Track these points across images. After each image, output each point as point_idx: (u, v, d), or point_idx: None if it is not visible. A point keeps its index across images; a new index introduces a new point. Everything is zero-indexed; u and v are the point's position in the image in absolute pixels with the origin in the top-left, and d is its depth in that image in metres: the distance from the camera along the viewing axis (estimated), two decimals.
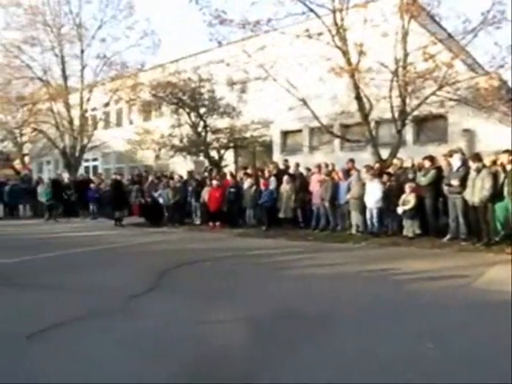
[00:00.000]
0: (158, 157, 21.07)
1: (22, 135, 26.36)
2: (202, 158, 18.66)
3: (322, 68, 11.83)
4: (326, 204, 11.26)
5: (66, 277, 6.71)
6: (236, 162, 20.34)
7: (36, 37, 21.85)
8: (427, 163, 9.90)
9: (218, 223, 13.08)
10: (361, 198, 10.49)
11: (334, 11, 11.40)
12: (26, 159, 28.09)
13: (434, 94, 11.38)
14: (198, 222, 14.07)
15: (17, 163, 27.20)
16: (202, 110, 18.02)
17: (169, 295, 5.53)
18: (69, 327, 4.31)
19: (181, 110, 18.40)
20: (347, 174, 11.34)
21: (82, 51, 22.46)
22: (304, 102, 13.01)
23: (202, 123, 18.15)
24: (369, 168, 10.74)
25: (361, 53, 11.19)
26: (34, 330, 4.13)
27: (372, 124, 12.96)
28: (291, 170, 13.24)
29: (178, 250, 9.35)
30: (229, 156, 19.32)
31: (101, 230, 13.74)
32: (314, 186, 11.69)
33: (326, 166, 12.11)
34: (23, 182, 20.44)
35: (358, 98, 11.93)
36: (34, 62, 22.42)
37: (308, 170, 12.99)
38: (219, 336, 3.99)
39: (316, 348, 3.65)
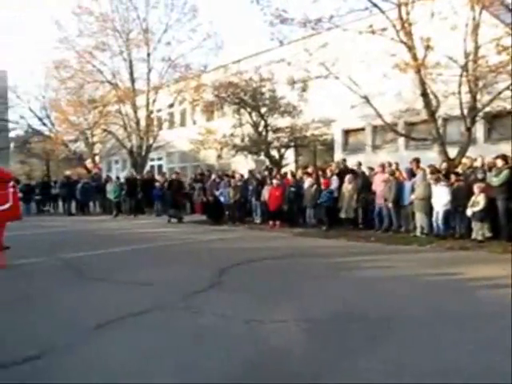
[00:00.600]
0: (219, 156, 21.47)
1: (93, 136, 27.84)
2: (262, 157, 18.77)
3: (386, 64, 11.48)
4: (390, 204, 10.94)
5: (132, 271, 6.99)
6: (296, 161, 20.27)
7: (106, 42, 23.01)
8: (500, 162, 9.33)
9: (277, 222, 13.09)
10: (426, 199, 10.08)
11: (399, 5, 11.03)
12: (97, 158, 29.61)
13: (508, 88, 10.70)
14: (258, 220, 14.17)
15: (88, 162, 28.77)
16: (263, 110, 18.13)
17: (229, 293, 5.59)
18: (133, 320, 4.47)
19: (242, 110, 18.63)
20: (412, 173, 10.95)
21: (149, 55, 23.36)
22: (367, 99, 12.71)
23: (262, 122, 18.27)
24: (433, 170, 10.31)
25: (427, 47, 10.75)
26: (101, 322, 4.33)
27: (439, 121, 12.42)
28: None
29: (238, 248, 9.46)
30: (289, 155, 19.29)
31: (164, 227, 14.19)
32: (378, 186, 11.39)
33: (390, 165, 11.77)
34: (93, 180, 21.57)
35: (425, 94, 11.47)
36: (104, 66, 23.65)
37: (371, 169, 12.67)
38: (278, 336, 3.98)
39: (375, 351, 3.54)
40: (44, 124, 31.42)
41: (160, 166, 28.50)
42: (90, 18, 22.57)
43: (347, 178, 11.98)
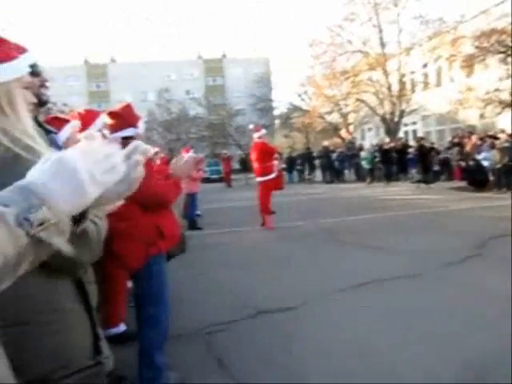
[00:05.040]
0: (482, 115, 19.26)
1: (346, 106, 28.72)
2: None
3: None
4: None
5: (383, 238, 7.05)
6: None
7: (354, 12, 23.16)
8: None
9: None
10: None
11: None
12: (351, 128, 30.47)
13: None
14: None
15: (343, 132, 29.91)
16: None
17: (488, 267, 5.07)
18: (382, 284, 4.55)
19: (509, 59, 16.14)
20: None
21: (398, 15, 22.51)
22: None
23: None
24: None
25: None
26: (352, 284, 4.57)
27: None
28: None
29: (503, 218, 8.40)
30: None
31: (418, 194, 13.70)
32: None
33: None
34: (348, 149, 22.39)
35: None
36: (353, 36, 23.92)
37: None
38: None
39: None
40: (302, 100, 34.07)
41: (414, 131, 27.39)
42: None
43: None
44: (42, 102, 2.19)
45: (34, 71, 1.84)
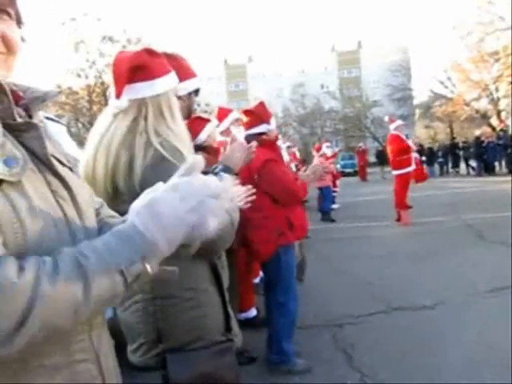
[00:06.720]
0: None
1: (496, 91, 25.95)
2: None
3: None
4: None
5: None
6: None
7: None
8: None
9: None
10: None
11: None
12: (503, 114, 27.47)
13: None
14: None
15: (493, 120, 27.10)
16: None
17: None
18: None
19: None
20: None
21: None
22: None
23: None
24: None
25: None
26: (496, 285, 4.20)
27: None
28: None
29: None
30: None
31: None
32: None
33: None
34: (499, 138, 20.20)
35: None
36: (504, 12, 21.49)
37: None
38: None
39: None
40: (446, 87, 31.69)
41: None
42: None
43: None
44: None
45: None
